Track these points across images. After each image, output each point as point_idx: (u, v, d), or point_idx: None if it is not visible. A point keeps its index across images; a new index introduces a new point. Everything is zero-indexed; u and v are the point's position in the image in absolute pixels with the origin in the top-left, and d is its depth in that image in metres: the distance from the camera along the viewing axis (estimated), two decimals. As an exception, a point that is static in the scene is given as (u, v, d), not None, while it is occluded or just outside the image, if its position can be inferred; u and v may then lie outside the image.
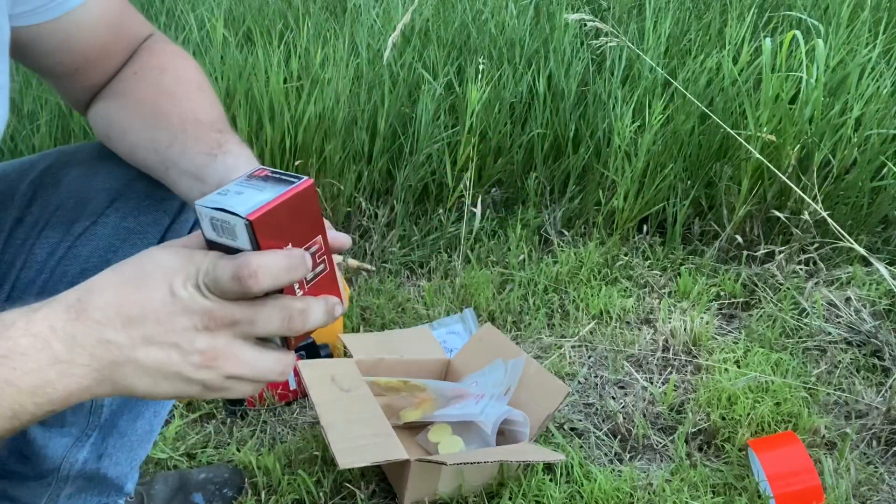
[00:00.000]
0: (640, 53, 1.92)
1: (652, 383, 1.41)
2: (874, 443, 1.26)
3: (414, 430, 1.24)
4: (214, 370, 0.51)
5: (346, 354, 1.32)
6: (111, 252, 0.81)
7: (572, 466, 1.16)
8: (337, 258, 1.65)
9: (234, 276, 0.48)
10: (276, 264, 0.49)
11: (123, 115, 0.76)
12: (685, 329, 1.52)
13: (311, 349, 1.36)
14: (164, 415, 0.95)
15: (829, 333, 1.51)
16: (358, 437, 1.05)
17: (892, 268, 1.45)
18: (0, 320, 0.48)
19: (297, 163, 1.74)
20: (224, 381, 0.52)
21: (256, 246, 0.49)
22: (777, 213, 1.73)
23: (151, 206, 0.80)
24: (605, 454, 1.25)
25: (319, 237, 0.54)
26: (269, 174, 0.54)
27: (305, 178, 0.53)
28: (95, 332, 0.49)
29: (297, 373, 1.21)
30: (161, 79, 0.77)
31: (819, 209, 1.51)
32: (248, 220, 0.49)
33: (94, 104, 0.79)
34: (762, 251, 1.76)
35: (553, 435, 1.25)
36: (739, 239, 1.79)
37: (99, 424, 0.89)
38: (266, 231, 0.49)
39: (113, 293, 0.50)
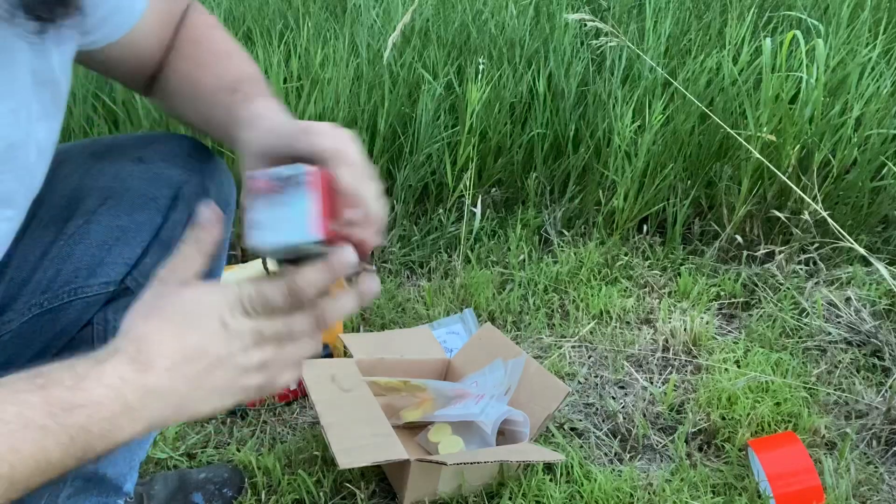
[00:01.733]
0: (640, 53, 1.92)
1: (652, 383, 1.41)
2: (874, 443, 1.26)
3: (414, 429, 1.24)
4: (267, 374, 0.60)
5: (347, 354, 1.32)
6: (105, 251, 0.81)
7: (572, 466, 1.16)
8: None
9: (286, 294, 0.58)
10: (319, 278, 0.59)
11: (188, 86, 0.81)
12: (685, 329, 1.52)
13: (311, 349, 1.36)
14: None
15: (829, 333, 1.51)
16: (358, 437, 1.05)
17: (892, 268, 1.45)
18: (73, 372, 0.54)
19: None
20: (274, 380, 0.61)
21: (325, 243, 0.58)
22: (777, 213, 1.73)
23: (144, 204, 0.80)
24: (605, 454, 1.25)
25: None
26: (273, 184, 0.58)
27: (303, 167, 0.58)
28: (166, 381, 0.55)
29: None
30: (208, 46, 0.82)
31: (819, 209, 1.51)
32: (321, 239, 0.57)
33: (157, 85, 0.83)
34: (762, 251, 1.76)
35: (553, 435, 1.25)
36: (739, 239, 1.79)
37: None
38: (331, 234, 0.58)
39: (171, 340, 0.56)
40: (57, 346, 0.85)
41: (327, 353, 1.39)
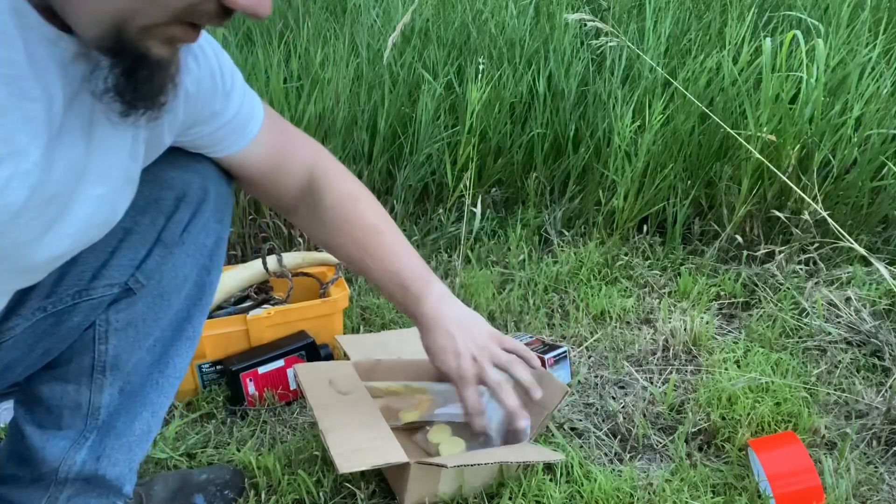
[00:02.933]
0: (640, 53, 1.92)
1: (652, 383, 1.41)
2: (874, 443, 1.26)
3: (413, 431, 1.24)
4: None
5: (345, 356, 1.31)
6: (109, 253, 0.81)
7: (572, 466, 1.16)
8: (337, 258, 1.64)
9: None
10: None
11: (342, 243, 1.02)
12: (685, 329, 1.52)
13: (310, 349, 1.36)
14: (161, 415, 0.94)
15: (829, 333, 1.51)
16: (357, 441, 1.05)
17: (892, 268, 1.45)
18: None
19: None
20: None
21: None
22: (777, 213, 1.73)
23: (147, 205, 0.82)
24: (605, 454, 1.25)
25: None
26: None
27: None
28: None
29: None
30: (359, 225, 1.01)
31: (819, 209, 1.51)
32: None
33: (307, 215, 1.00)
34: (762, 251, 1.76)
35: (553, 435, 1.25)
36: (739, 239, 1.79)
37: (97, 426, 0.89)
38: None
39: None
40: (60, 348, 0.85)
41: (327, 352, 1.39)
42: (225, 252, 0.94)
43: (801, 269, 1.70)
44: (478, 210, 1.85)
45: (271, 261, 1.50)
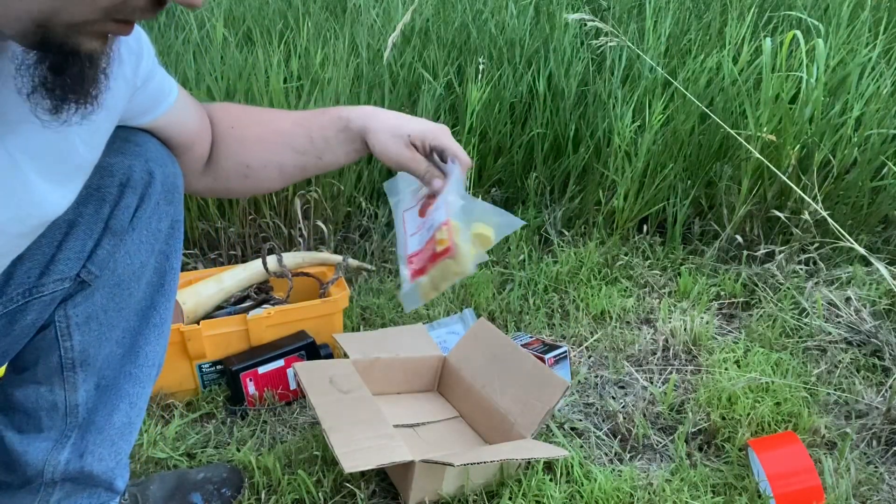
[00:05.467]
0: (640, 53, 1.92)
1: (652, 383, 1.41)
2: (874, 443, 1.26)
3: (411, 428, 1.24)
4: None
5: (345, 355, 1.31)
6: (55, 247, 0.81)
7: (572, 466, 1.16)
8: (336, 258, 1.65)
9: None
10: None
11: (257, 153, 0.96)
12: (685, 329, 1.52)
13: (310, 349, 1.36)
14: (141, 406, 0.94)
15: (829, 333, 1.51)
16: (361, 440, 1.05)
17: (892, 268, 1.45)
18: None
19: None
20: None
21: None
22: (777, 213, 1.73)
23: (89, 195, 0.81)
24: (605, 454, 1.25)
25: None
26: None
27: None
28: None
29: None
30: (249, 115, 0.99)
31: (819, 209, 1.51)
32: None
33: (214, 167, 0.97)
34: (762, 251, 1.76)
35: (553, 434, 1.25)
36: (739, 239, 1.79)
37: (77, 424, 0.89)
38: None
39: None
40: (17, 349, 0.84)
41: (327, 352, 1.39)
42: (182, 235, 0.93)
43: (801, 269, 1.70)
44: (478, 210, 1.84)
45: (271, 261, 1.50)
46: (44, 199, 0.70)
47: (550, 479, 1.14)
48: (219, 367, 1.36)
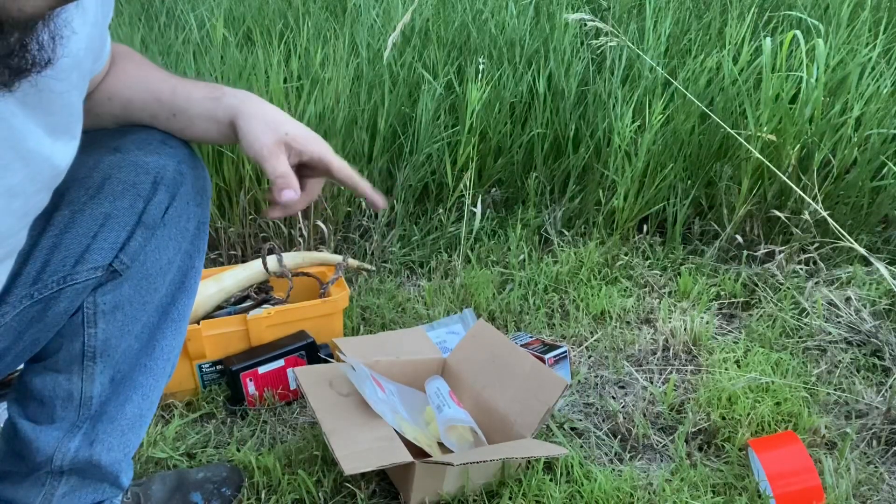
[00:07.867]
0: (640, 53, 1.92)
1: (652, 383, 1.41)
2: (874, 443, 1.26)
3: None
4: None
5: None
6: (91, 237, 0.83)
7: (572, 466, 1.16)
8: (336, 258, 1.66)
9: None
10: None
11: (120, 87, 0.88)
12: (685, 329, 1.52)
13: (310, 349, 1.36)
14: (153, 399, 0.95)
15: (829, 333, 1.51)
16: (361, 442, 1.05)
17: (892, 267, 1.45)
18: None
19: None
20: None
21: None
22: (777, 213, 1.73)
23: (125, 191, 0.83)
24: (605, 454, 1.25)
25: None
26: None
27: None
28: None
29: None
30: (131, 58, 0.91)
31: (819, 209, 1.51)
32: None
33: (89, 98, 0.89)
34: (762, 251, 1.76)
35: (553, 434, 1.25)
36: (739, 239, 1.79)
37: (89, 416, 0.90)
38: None
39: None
40: (49, 336, 0.86)
41: (327, 353, 1.39)
42: (207, 237, 0.95)
43: (801, 268, 1.70)
44: (478, 210, 1.85)
45: (271, 261, 1.50)
46: (52, 154, 0.71)
47: (550, 479, 1.14)
48: (219, 367, 1.36)
